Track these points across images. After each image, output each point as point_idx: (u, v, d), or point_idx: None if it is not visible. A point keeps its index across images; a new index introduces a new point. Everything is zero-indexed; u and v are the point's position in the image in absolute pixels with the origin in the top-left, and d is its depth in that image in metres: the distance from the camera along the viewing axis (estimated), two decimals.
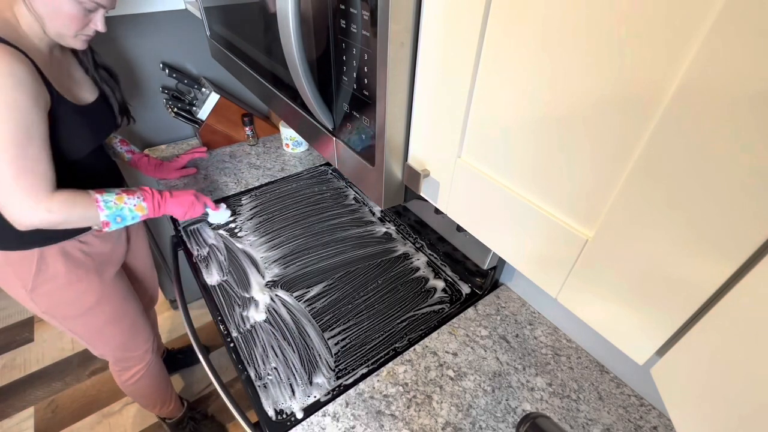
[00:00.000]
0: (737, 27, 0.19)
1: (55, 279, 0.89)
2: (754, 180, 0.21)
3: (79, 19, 0.73)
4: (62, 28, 0.73)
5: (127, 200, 0.83)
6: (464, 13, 0.34)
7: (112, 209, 0.81)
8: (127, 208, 0.83)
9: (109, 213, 0.80)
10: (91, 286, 0.95)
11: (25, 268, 0.86)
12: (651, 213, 0.26)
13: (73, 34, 0.75)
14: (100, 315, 1.00)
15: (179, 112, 1.32)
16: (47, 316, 0.95)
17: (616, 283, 0.31)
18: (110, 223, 0.81)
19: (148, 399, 1.26)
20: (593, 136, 0.28)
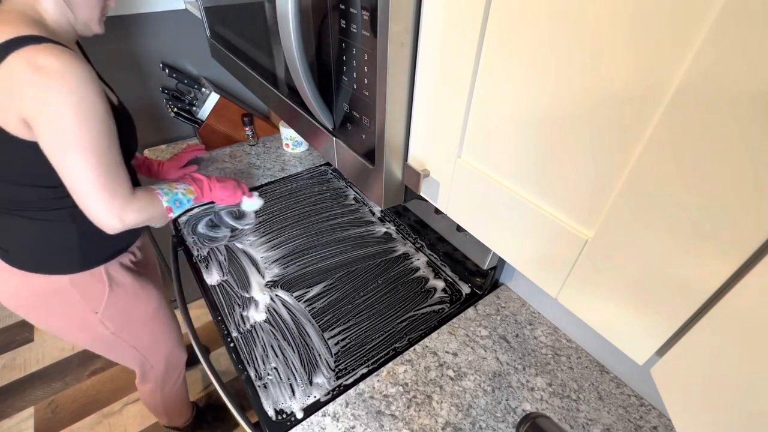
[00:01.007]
0: (737, 27, 0.19)
1: (125, 293, 0.89)
2: (754, 180, 0.21)
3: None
4: (90, 11, 0.71)
5: (176, 186, 0.86)
6: (464, 13, 0.34)
7: (169, 195, 0.82)
8: (179, 192, 0.85)
9: (168, 198, 0.82)
10: (151, 292, 0.98)
11: (95, 289, 0.84)
12: (651, 213, 0.26)
13: (98, 17, 0.73)
14: (162, 319, 1.03)
15: (179, 112, 1.32)
16: (114, 337, 0.93)
17: (616, 283, 0.31)
18: (172, 208, 0.83)
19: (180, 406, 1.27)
20: (593, 136, 0.28)
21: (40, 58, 0.57)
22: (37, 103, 0.58)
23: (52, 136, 0.60)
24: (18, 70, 0.57)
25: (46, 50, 0.58)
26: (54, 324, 0.87)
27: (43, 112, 0.59)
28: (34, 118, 0.59)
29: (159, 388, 1.16)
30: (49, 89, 0.57)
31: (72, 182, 0.64)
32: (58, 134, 0.60)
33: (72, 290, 0.82)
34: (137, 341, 0.99)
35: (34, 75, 0.57)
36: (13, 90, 0.58)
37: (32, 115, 0.59)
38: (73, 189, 0.65)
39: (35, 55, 0.58)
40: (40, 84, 0.57)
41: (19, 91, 0.58)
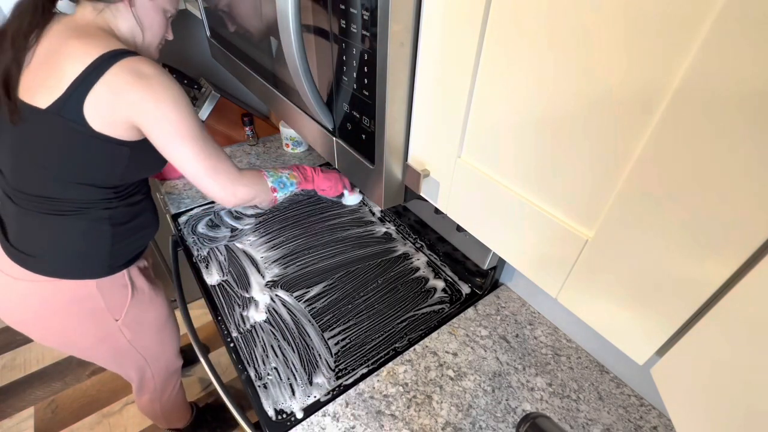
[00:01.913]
0: (737, 28, 0.19)
1: (143, 298, 0.90)
2: (754, 180, 0.21)
3: (164, 28, 0.79)
4: (154, 37, 0.78)
5: (281, 170, 0.89)
6: (464, 13, 0.34)
7: (274, 176, 0.86)
8: (284, 176, 0.88)
9: (273, 179, 0.85)
10: (162, 298, 0.99)
11: (119, 294, 0.85)
12: (651, 213, 0.26)
13: (158, 42, 0.80)
14: (170, 326, 1.04)
15: None
16: (128, 345, 0.93)
17: (616, 283, 0.31)
18: (277, 189, 0.86)
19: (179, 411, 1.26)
20: (593, 136, 0.28)
21: (139, 67, 0.65)
22: (147, 105, 0.65)
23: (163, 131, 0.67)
24: (124, 76, 0.64)
25: (139, 60, 0.66)
26: (66, 335, 0.84)
27: (153, 112, 0.65)
28: (145, 118, 0.66)
29: (157, 399, 1.15)
30: (153, 90, 0.64)
31: (186, 167, 0.70)
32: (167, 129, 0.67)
33: (98, 296, 0.82)
34: (147, 349, 0.99)
35: (139, 80, 0.64)
36: (121, 92, 0.64)
37: (142, 115, 0.65)
38: (188, 173, 0.71)
39: (135, 64, 0.65)
40: (146, 87, 0.64)
41: (128, 93, 0.64)
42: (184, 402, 1.28)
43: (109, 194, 0.76)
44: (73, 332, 0.84)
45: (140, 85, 0.64)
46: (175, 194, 1.20)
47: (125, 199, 0.80)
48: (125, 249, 0.84)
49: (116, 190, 0.77)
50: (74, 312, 0.81)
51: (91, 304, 0.82)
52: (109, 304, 0.84)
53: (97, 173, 0.72)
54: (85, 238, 0.77)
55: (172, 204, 1.17)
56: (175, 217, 1.12)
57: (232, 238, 1.06)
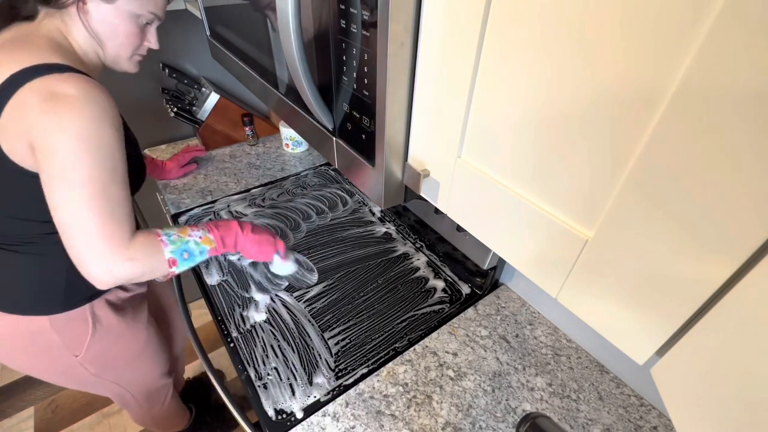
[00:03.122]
0: (737, 27, 0.19)
1: (109, 333, 0.81)
2: (755, 180, 0.21)
3: (136, 36, 0.68)
4: (120, 48, 0.67)
5: (191, 233, 0.70)
6: (464, 13, 0.34)
7: (177, 243, 0.67)
8: (192, 241, 0.69)
9: (174, 248, 0.67)
10: (139, 328, 0.89)
11: (77, 331, 0.77)
12: (651, 213, 0.26)
13: (129, 55, 0.70)
14: (149, 354, 0.95)
15: (179, 112, 1.32)
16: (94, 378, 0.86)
17: (616, 283, 0.31)
18: (177, 260, 0.67)
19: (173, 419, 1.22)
20: (593, 136, 0.28)
21: (58, 86, 0.55)
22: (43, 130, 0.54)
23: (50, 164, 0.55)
24: (32, 97, 0.54)
25: (67, 79, 0.56)
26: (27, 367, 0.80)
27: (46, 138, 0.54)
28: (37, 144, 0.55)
29: (146, 413, 1.10)
30: (58, 116, 0.53)
31: (61, 218, 0.56)
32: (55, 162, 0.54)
33: (51, 333, 0.74)
34: (118, 377, 0.92)
35: (46, 102, 0.54)
36: (24, 116, 0.55)
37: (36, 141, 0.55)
38: (62, 226, 0.57)
39: (54, 83, 0.55)
40: (50, 111, 0.54)
41: (29, 117, 0.54)
42: (178, 408, 1.23)
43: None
44: (32, 366, 0.79)
45: (43, 108, 0.53)
46: (175, 194, 1.20)
47: None
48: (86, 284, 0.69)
49: None
50: (28, 347, 0.75)
51: (45, 340, 0.74)
52: (66, 340, 0.76)
53: (31, 208, 0.63)
54: (34, 273, 0.69)
55: (172, 204, 1.17)
56: (175, 217, 1.12)
57: None
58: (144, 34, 0.70)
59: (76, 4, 0.61)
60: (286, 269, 0.89)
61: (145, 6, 0.65)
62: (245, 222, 0.78)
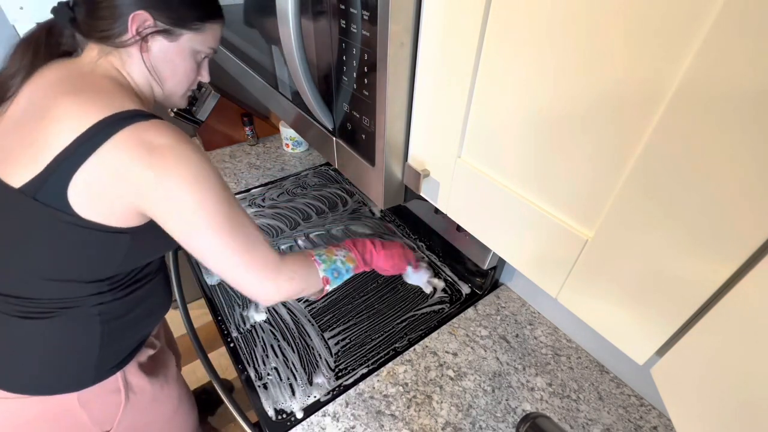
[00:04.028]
0: (737, 27, 0.19)
1: (142, 399, 0.72)
2: (755, 180, 0.21)
3: (194, 72, 0.64)
4: (177, 86, 0.63)
5: (336, 252, 0.70)
6: (464, 13, 0.34)
7: (327, 263, 0.67)
8: (339, 259, 0.69)
9: (326, 267, 0.67)
10: (171, 390, 0.79)
11: (109, 403, 0.67)
12: (651, 213, 0.26)
13: (184, 92, 0.66)
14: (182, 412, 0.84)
15: (179, 112, 1.32)
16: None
17: (617, 283, 0.31)
18: (329, 279, 0.67)
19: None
20: (593, 136, 0.28)
21: (150, 137, 0.49)
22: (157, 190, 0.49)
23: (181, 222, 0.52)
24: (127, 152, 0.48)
25: (155, 126, 0.51)
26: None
27: (166, 199, 0.50)
28: (156, 206, 0.51)
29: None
30: (168, 168, 0.49)
31: (213, 261, 0.55)
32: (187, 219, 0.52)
33: (79, 411, 0.64)
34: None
35: (150, 155, 0.48)
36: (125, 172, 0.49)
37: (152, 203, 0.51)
38: (217, 267, 0.56)
39: (144, 133, 0.50)
40: (157, 165, 0.49)
41: (133, 173, 0.49)
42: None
43: (102, 287, 0.59)
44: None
45: (148, 163, 0.49)
46: None
47: (124, 289, 0.63)
48: (119, 347, 0.66)
49: (111, 282, 0.60)
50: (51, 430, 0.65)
51: (71, 421, 0.65)
52: (96, 417, 0.67)
53: (84, 267, 0.57)
54: (65, 343, 0.60)
55: None
56: None
57: None
58: (199, 70, 0.66)
59: (138, 43, 0.56)
60: (420, 278, 0.88)
61: (207, 42, 0.62)
62: (375, 239, 0.77)
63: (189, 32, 0.58)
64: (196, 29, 0.59)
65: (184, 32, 0.58)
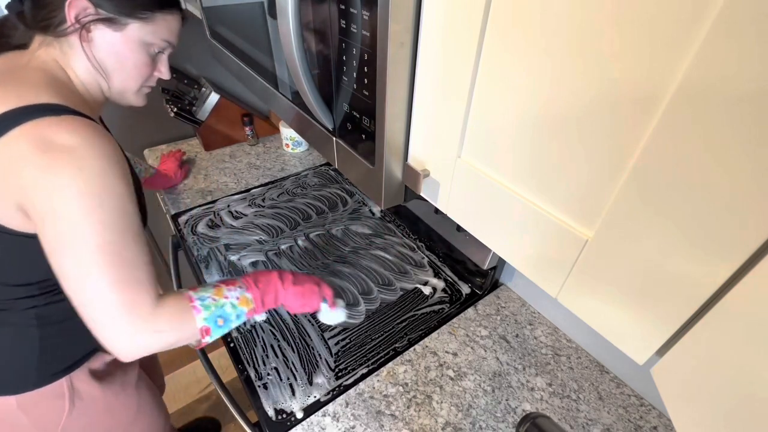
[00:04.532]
0: (736, 28, 0.19)
1: (92, 407, 0.69)
2: (754, 180, 0.21)
3: (147, 66, 0.60)
4: (128, 81, 0.60)
5: (227, 293, 0.59)
6: (464, 13, 0.34)
7: (210, 309, 0.57)
8: (228, 303, 0.59)
9: (207, 315, 0.56)
10: (128, 398, 0.76)
11: (51, 408, 0.65)
12: (651, 213, 0.26)
13: (137, 87, 0.62)
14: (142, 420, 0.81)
15: (179, 112, 1.32)
16: None
17: (616, 283, 0.31)
18: (210, 328, 0.57)
19: None
20: (593, 135, 0.28)
21: (53, 133, 0.46)
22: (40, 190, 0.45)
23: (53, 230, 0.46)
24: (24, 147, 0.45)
25: (63, 123, 0.47)
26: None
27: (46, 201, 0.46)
28: (35, 206, 0.47)
29: None
30: (58, 173, 0.45)
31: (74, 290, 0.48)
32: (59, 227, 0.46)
33: (19, 414, 0.62)
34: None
35: (42, 155, 0.45)
36: (14, 170, 0.46)
37: (32, 204, 0.47)
38: (76, 298, 0.48)
39: (48, 129, 0.46)
40: (48, 167, 0.45)
41: (21, 173, 0.45)
42: None
43: (33, 291, 0.56)
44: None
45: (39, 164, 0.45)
46: (175, 194, 1.20)
47: (58, 294, 0.58)
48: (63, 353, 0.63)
49: (42, 286, 0.57)
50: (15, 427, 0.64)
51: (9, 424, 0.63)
52: (37, 422, 0.64)
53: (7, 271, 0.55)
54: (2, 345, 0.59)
55: (172, 204, 1.17)
56: (175, 217, 1.12)
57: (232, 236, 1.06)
58: (155, 64, 0.62)
59: (78, 32, 0.53)
60: (336, 318, 0.76)
61: (159, 33, 0.58)
62: (285, 272, 0.67)
63: (136, 22, 0.55)
64: (144, 18, 0.55)
65: (130, 21, 0.54)
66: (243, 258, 0.99)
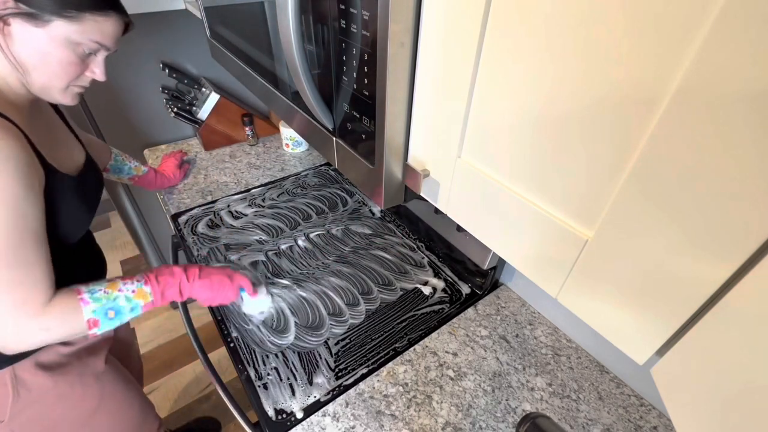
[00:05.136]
0: (737, 27, 0.19)
1: (42, 398, 0.69)
2: (754, 180, 0.21)
3: (75, 66, 0.58)
4: (52, 79, 0.57)
5: (122, 286, 0.61)
6: (464, 14, 0.34)
7: (101, 301, 0.59)
8: (122, 296, 0.60)
9: (97, 307, 0.58)
10: (87, 390, 0.75)
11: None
12: (651, 213, 0.26)
13: (64, 86, 0.59)
14: (105, 416, 0.80)
15: (179, 112, 1.32)
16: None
17: (616, 283, 0.31)
18: (99, 320, 0.59)
19: None
20: (593, 136, 0.28)
21: None
22: None
23: None
24: None
25: None
26: None
27: None
28: None
29: None
30: None
31: None
32: None
33: None
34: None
35: None
36: None
37: None
38: None
39: None
40: None
41: None
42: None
43: None
44: None
45: None
46: (175, 194, 1.20)
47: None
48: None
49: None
50: None
51: None
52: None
53: None
54: None
55: (172, 204, 1.17)
56: (175, 217, 1.12)
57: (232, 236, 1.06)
58: (85, 65, 0.59)
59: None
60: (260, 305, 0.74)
61: (87, 34, 0.56)
62: (192, 266, 0.68)
63: (60, 20, 0.53)
64: (69, 17, 0.54)
65: (53, 19, 0.53)
66: (243, 258, 0.99)
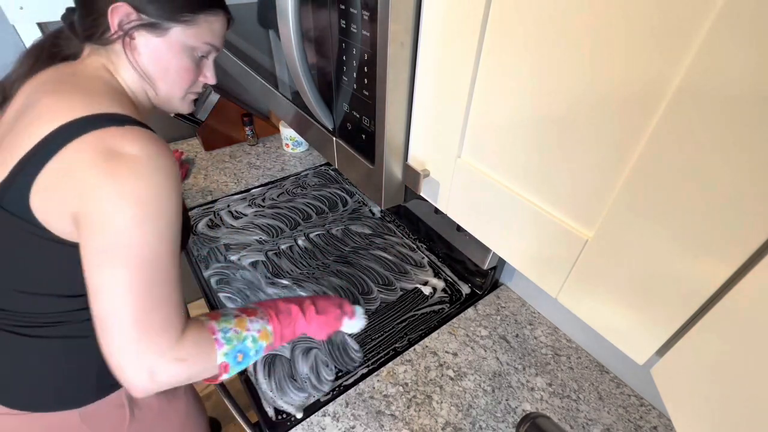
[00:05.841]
0: (737, 27, 0.19)
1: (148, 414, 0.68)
2: (754, 180, 0.21)
3: (191, 72, 0.58)
4: (173, 87, 0.58)
5: (249, 325, 0.55)
6: (464, 14, 0.34)
7: (232, 343, 0.53)
8: (250, 337, 0.55)
9: (228, 349, 0.52)
10: (179, 402, 0.75)
11: (113, 419, 0.64)
12: (651, 213, 0.26)
13: (183, 93, 0.60)
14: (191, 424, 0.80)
15: (179, 113, 1.32)
16: None
17: (616, 283, 0.31)
18: (229, 365, 0.53)
19: None
20: (593, 136, 0.28)
21: (118, 143, 0.45)
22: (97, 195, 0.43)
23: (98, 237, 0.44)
24: (86, 155, 0.44)
25: (127, 134, 0.46)
26: None
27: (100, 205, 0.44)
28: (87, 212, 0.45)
29: None
30: (118, 180, 0.44)
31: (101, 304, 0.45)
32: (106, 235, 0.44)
33: (82, 427, 0.61)
34: None
35: (105, 161, 0.44)
36: (74, 176, 0.44)
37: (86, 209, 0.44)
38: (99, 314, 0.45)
39: (113, 138, 0.45)
40: (109, 173, 0.43)
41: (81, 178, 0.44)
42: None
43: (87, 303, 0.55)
44: None
45: (102, 169, 0.44)
46: None
47: None
48: None
49: None
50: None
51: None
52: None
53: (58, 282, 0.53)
54: (62, 359, 0.58)
55: None
56: None
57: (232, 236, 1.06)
58: (200, 69, 0.60)
59: (122, 39, 0.52)
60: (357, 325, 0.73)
61: (202, 36, 0.56)
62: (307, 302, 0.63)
63: (178, 25, 0.53)
64: (186, 21, 0.54)
65: (172, 26, 0.53)
66: (243, 258, 0.99)
